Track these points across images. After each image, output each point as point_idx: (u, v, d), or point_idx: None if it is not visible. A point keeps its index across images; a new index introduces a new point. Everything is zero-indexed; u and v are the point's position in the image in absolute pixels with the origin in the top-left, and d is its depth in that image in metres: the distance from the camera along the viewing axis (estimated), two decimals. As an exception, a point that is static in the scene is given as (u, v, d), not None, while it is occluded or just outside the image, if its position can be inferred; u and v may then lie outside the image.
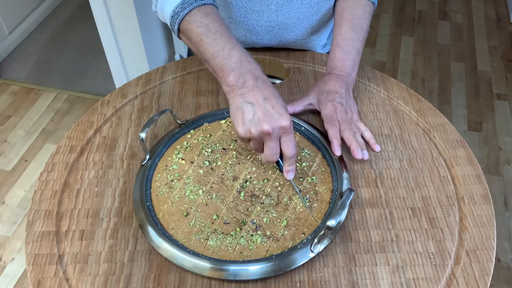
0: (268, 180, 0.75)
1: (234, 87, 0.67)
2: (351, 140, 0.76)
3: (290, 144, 0.67)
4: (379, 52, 2.50)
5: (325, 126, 0.80)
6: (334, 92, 0.82)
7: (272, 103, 0.66)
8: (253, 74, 0.67)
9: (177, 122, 0.83)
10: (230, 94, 0.68)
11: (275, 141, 0.67)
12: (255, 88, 0.66)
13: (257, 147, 0.69)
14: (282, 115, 0.65)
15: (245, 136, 0.67)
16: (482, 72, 2.37)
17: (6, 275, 1.61)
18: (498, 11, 2.77)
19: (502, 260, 1.64)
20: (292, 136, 0.67)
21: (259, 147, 0.69)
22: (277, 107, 0.66)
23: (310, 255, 0.65)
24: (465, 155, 0.80)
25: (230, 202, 0.72)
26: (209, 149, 0.79)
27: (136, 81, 0.96)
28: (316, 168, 0.76)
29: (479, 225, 0.71)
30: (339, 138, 0.77)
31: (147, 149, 0.77)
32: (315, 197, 0.72)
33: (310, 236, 0.67)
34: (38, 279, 0.66)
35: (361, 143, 0.78)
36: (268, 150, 0.67)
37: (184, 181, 0.75)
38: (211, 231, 0.68)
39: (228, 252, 0.66)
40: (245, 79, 0.67)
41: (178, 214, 0.71)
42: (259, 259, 0.64)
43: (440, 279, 0.65)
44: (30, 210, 0.74)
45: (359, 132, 0.80)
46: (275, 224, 0.69)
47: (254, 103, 0.66)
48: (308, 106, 0.85)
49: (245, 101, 0.66)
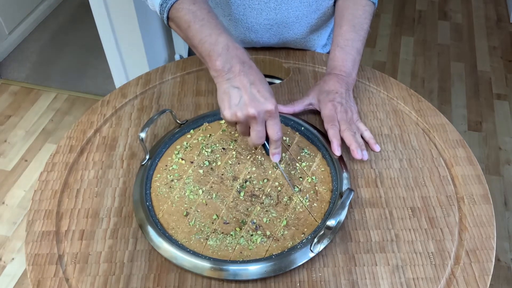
0: (268, 180, 0.75)
1: (221, 72, 0.69)
2: (350, 140, 0.77)
3: (275, 128, 0.69)
4: (379, 52, 2.50)
5: (325, 126, 0.80)
6: (334, 92, 0.82)
7: (258, 87, 0.67)
8: (239, 59, 0.68)
9: (177, 122, 0.83)
10: (217, 79, 0.70)
11: (260, 125, 0.68)
12: (242, 73, 0.68)
13: (243, 131, 0.71)
14: (267, 99, 0.67)
15: (232, 120, 0.69)
16: (482, 72, 2.37)
17: (6, 275, 1.61)
18: (498, 11, 2.77)
19: (502, 260, 1.64)
20: (277, 120, 0.69)
21: (246, 130, 0.71)
22: (262, 91, 0.67)
23: (310, 255, 0.65)
24: (465, 155, 0.80)
25: (230, 202, 0.72)
26: (209, 149, 0.79)
27: (136, 81, 0.96)
28: (316, 168, 0.76)
29: (479, 225, 0.71)
30: (339, 138, 0.77)
31: (147, 149, 0.77)
32: (315, 197, 0.72)
33: (310, 236, 0.67)
34: (38, 279, 0.66)
35: (360, 143, 0.78)
36: (254, 134, 0.69)
37: (184, 181, 0.75)
38: (211, 231, 0.68)
39: (228, 252, 0.66)
40: (232, 64, 0.68)
41: (178, 214, 0.71)
42: (258, 259, 0.64)
43: (440, 279, 0.65)
44: (30, 210, 0.74)
45: (359, 132, 0.80)
46: (275, 224, 0.69)
47: (240, 88, 0.67)
48: (308, 106, 0.85)
49: (231, 85, 0.68)
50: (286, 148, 0.79)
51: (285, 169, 0.76)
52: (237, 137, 0.81)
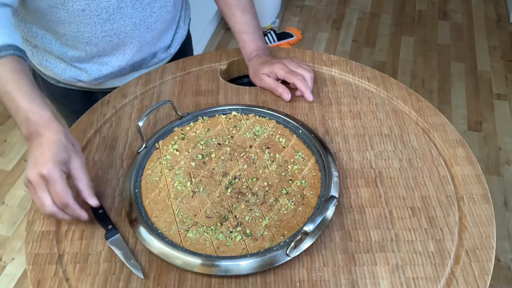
0: (257, 179, 0.75)
1: (27, 137, 0.69)
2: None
3: (56, 194, 0.64)
4: (379, 52, 2.50)
5: (291, 81, 0.89)
6: (266, 61, 0.92)
7: (43, 150, 0.65)
8: (38, 125, 0.67)
9: (177, 114, 0.84)
10: (27, 141, 0.70)
11: (40, 190, 0.64)
12: (38, 137, 0.67)
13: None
14: (45, 163, 0.63)
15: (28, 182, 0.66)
16: (482, 72, 2.37)
17: (6, 275, 1.61)
18: (498, 11, 2.77)
19: (502, 260, 1.64)
20: (58, 185, 0.63)
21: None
22: (45, 154, 0.64)
23: (285, 258, 0.65)
24: (464, 154, 0.80)
25: (216, 197, 0.73)
26: (204, 143, 0.80)
27: (136, 81, 0.96)
28: (307, 172, 0.76)
29: (479, 224, 0.71)
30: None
31: (144, 138, 0.78)
32: (301, 201, 0.72)
33: (289, 239, 0.67)
34: (38, 278, 0.66)
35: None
36: (35, 199, 0.65)
37: (175, 171, 0.76)
38: (192, 223, 0.69)
39: (205, 246, 0.67)
40: (30, 130, 0.67)
41: (163, 203, 0.72)
42: (232, 256, 0.65)
43: (439, 278, 0.65)
44: (30, 210, 0.74)
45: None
46: (256, 223, 0.69)
47: (33, 151, 0.66)
48: (275, 79, 0.92)
49: (30, 149, 0.67)
50: (280, 149, 0.80)
51: (276, 170, 0.76)
52: (234, 134, 0.82)
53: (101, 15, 0.85)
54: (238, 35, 0.96)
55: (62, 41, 0.90)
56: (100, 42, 0.90)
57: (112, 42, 0.90)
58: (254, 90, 0.93)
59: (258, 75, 0.92)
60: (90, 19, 0.85)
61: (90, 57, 0.93)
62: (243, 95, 0.92)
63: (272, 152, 0.79)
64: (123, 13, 0.87)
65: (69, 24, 0.85)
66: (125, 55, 0.95)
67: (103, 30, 0.87)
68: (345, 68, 0.96)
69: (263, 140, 0.81)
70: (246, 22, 0.96)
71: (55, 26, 0.86)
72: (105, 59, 0.94)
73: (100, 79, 0.97)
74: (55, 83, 1.01)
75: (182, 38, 1.08)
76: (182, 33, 1.07)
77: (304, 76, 0.88)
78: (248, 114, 0.86)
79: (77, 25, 0.85)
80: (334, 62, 0.98)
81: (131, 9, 0.88)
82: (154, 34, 0.95)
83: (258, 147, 0.80)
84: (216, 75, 0.97)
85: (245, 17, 0.96)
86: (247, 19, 0.96)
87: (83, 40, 0.89)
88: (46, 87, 1.03)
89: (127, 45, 0.93)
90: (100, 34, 0.88)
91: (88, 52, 0.92)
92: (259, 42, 0.96)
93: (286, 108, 0.89)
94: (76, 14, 0.83)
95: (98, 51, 0.92)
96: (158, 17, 0.93)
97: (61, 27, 0.86)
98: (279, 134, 0.82)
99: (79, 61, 0.94)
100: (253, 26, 0.96)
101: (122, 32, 0.90)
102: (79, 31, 0.86)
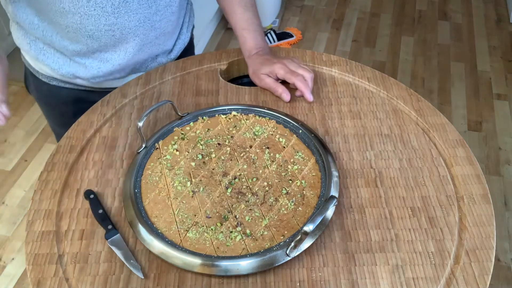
0: (257, 179, 0.75)
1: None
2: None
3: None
4: (379, 52, 2.50)
5: (290, 81, 0.89)
6: (270, 61, 0.92)
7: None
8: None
9: (177, 114, 0.84)
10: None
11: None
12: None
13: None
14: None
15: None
16: (482, 72, 2.37)
17: (6, 275, 1.61)
18: (498, 11, 2.77)
19: (502, 260, 1.64)
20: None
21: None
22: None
23: (285, 258, 0.65)
24: (464, 154, 0.80)
25: (216, 197, 0.73)
26: (204, 143, 0.80)
27: (136, 81, 0.96)
28: (307, 172, 0.76)
29: (479, 224, 0.71)
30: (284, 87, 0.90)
31: (144, 138, 0.78)
32: (301, 201, 0.72)
33: (289, 239, 0.67)
34: (38, 279, 0.66)
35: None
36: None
37: (175, 171, 0.76)
38: (192, 223, 0.69)
39: (205, 246, 0.67)
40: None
41: (163, 203, 0.72)
42: (232, 256, 0.65)
43: (439, 278, 0.65)
44: (30, 210, 0.74)
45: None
46: (256, 223, 0.69)
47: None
48: (276, 79, 0.92)
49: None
50: (280, 149, 0.80)
51: (276, 170, 0.76)
52: (234, 134, 0.82)
53: (106, 7, 0.85)
54: (239, 31, 0.97)
55: (64, 33, 0.90)
56: (102, 36, 0.89)
57: (115, 37, 0.90)
58: (254, 90, 0.93)
59: (258, 75, 0.92)
60: (95, 11, 0.84)
61: (91, 52, 0.93)
62: (243, 95, 0.92)
63: (272, 152, 0.79)
64: (128, 8, 0.87)
65: (73, 15, 0.85)
66: (127, 53, 0.94)
67: (106, 23, 0.87)
68: (345, 68, 0.97)
69: (263, 140, 0.81)
70: (247, 19, 0.96)
71: (58, 17, 0.86)
72: (106, 55, 0.94)
73: (98, 78, 0.97)
74: (48, 81, 1.00)
75: (183, 44, 1.08)
76: (184, 40, 1.07)
77: (304, 76, 0.88)
78: (248, 114, 0.86)
79: (80, 17, 0.85)
80: (334, 62, 0.98)
81: (136, 4, 0.87)
82: (157, 33, 0.95)
83: (258, 147, 0.80)
84: (216, 75, 0.97)
85: (246, 14, 0.96)
86: (248, 16, 0.96)
87: (85, 33, 0.88)
88: (37, 88, 1.03)
89: (129, 42, 0.93)
90: (103, 28, 0.88)
91: (89, 46, 0.91)
92: (259, 39, 0.96)
93: (286, 108, 0.89)
94: (81, 4, 0.83)
95: (100, 46, 0.91)
96: (162, 16, 0.93)
97: (64, 18, 0.86)
98: (279, 134, 0.82)
99: (79, 55, 0.93)
100: (254, 23, 0.97)
101: (125, 27, 0.89)
102: (82, 23, 0.86)
